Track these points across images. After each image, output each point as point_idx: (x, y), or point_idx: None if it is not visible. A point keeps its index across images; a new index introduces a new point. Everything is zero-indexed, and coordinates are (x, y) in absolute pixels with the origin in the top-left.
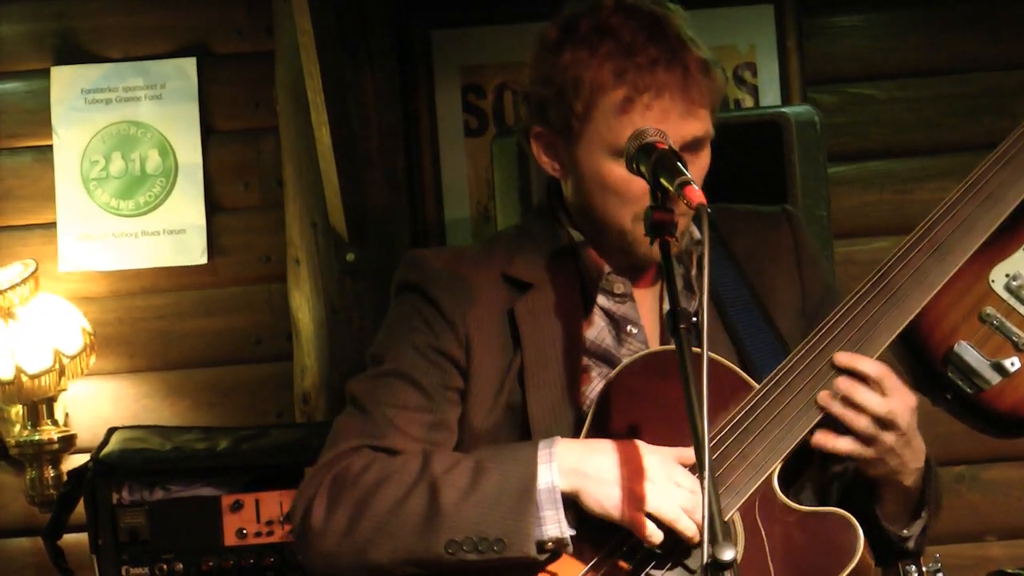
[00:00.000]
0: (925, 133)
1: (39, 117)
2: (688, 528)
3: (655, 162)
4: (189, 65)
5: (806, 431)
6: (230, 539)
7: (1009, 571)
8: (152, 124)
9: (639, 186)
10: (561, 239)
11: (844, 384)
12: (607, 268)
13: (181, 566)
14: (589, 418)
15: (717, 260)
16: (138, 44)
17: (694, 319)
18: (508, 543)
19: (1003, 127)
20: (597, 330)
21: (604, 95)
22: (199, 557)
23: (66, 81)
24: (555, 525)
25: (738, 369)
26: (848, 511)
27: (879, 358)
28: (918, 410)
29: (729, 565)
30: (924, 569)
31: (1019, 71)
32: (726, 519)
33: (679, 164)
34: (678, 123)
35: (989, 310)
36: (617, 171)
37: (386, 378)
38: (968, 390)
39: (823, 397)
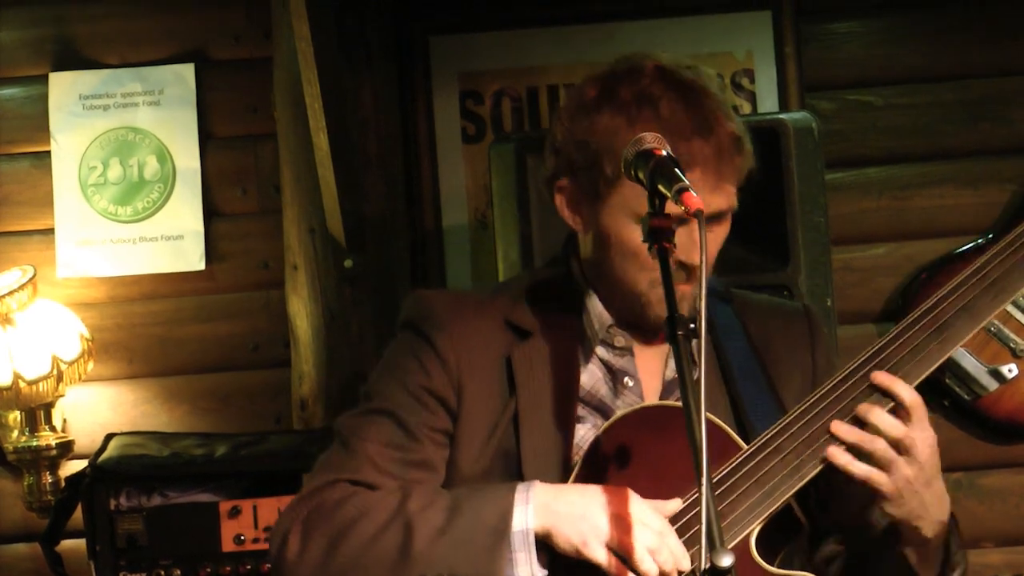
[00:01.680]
0: (923, 139)
1: (37, 123)
2: (650, 570)
3: (653, 168)
4: (187, 71)
5: (789, 495)
6: (228, 545)
7: None
8: (150, 130)
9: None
10: (569, 289)
11: (863, 407)
12: (609, 320)
13: (179, 572)
14: (577, 468)
15: (729, 332)
16: (136, 50)
17: (691, 326)
18: None
19: (1001, 134)
20: (594, 380)
21: None
22: (197, 563)
23: (64, 87)
24: (526, 567)
25: (729, 429)
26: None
27: None
28: None
29: (727, 572)
30: None
31: (1017, 77)
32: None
33: (677, 170)
34: (706, 197)
35: None
36: (640, 237)
37: (371, 415)
38: (966, 396)
39: (837, 425)
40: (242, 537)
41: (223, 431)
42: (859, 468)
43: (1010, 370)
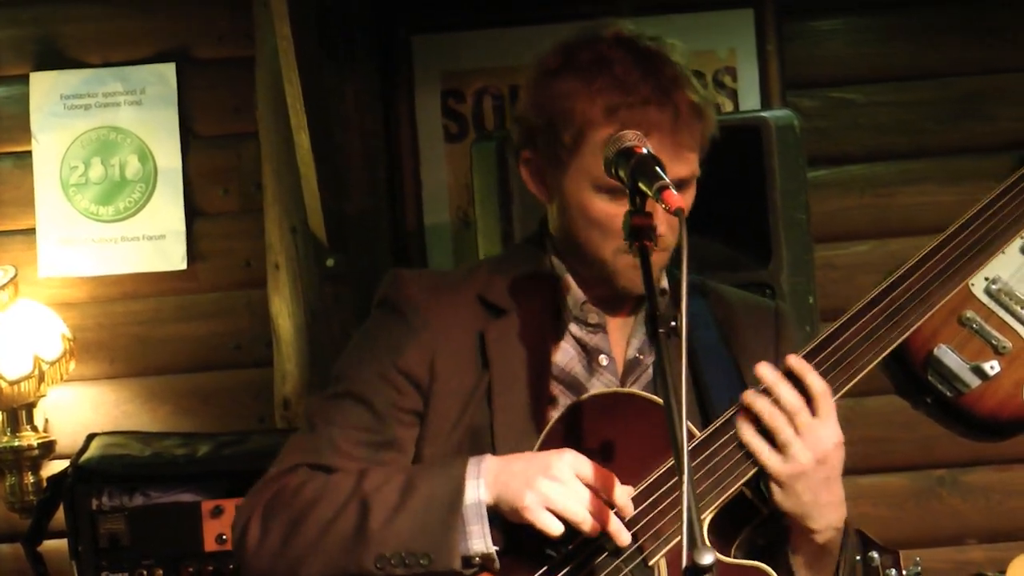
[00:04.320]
0: (905, 137)
1: (18, 123)
2: (590, 527)
3: (634, 167)
4: (169, 70)
5: (739, 483)
6: (210, 545)
7: (989, 575)
8: (132, 129)
9: (621, 221)
10: (542, 266)
11: (771, 379)
12: (583, 298)
13: (161, 572)
14: (537, 447)
15: (700, 322)
16: (117, 50)
17: (672, 323)
18: (434, 557)
19: (982, 132)
20: (568, 358)
21: (593, 130)
22: (179, 563)
23: (45, 87)
24: (480, 540)
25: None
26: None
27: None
28: (899, 416)
29: (708, 569)
30: (904, 572)
31: (998, 75)
32: (650, 564)
33: (657, 169)
34: (665, 165)
35: (969, 314)
36: (601, 205)
37: (339, 398)
38: (948, 394)
39: (750, 394)
40: (224, 537)
41: (205, 431)
42: (751, 438)
43: (992, 367)
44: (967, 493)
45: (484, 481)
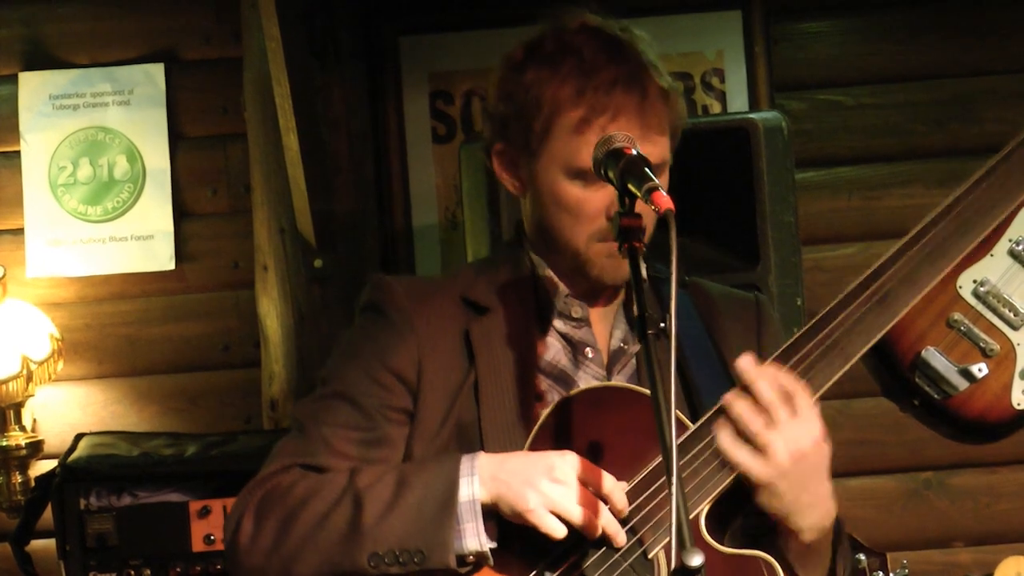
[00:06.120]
0: (893, 139)
1: (7, 123)
2: (592, 530)
3: (623, 168)
4: (157, 71)
5: (720, 488)
6: (198, 545)
7: None
8: (120, 130)
9: (593, 207)
10: (522, 264)
11: (750, 376)
12: (566, 291)
13: (149, 572)
14: (528, 443)
15: (682, 315)
16: (106, 50)
17: (662, 324)
18: (428, 555)
19: (970, 134)
20: (553, 352)
21: (562, 114)
22: (167, 563)
23: (34, 87)
24: (474, 538)
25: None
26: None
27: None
28: (886, 418)
29: (697, 571)
30: (892, 575)
31: (986, 78)
32: (650, 556)
33: (646, 170)
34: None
35: (957, 316)
36: (572, 190)
37: (327, 399)
38: (936, 396)
39: (729, 396)
40: (212, 537)
41: (193, 431)
42: (729, 446)
43: (980, 369)
44: (954, 495)
45: (479, 478)
